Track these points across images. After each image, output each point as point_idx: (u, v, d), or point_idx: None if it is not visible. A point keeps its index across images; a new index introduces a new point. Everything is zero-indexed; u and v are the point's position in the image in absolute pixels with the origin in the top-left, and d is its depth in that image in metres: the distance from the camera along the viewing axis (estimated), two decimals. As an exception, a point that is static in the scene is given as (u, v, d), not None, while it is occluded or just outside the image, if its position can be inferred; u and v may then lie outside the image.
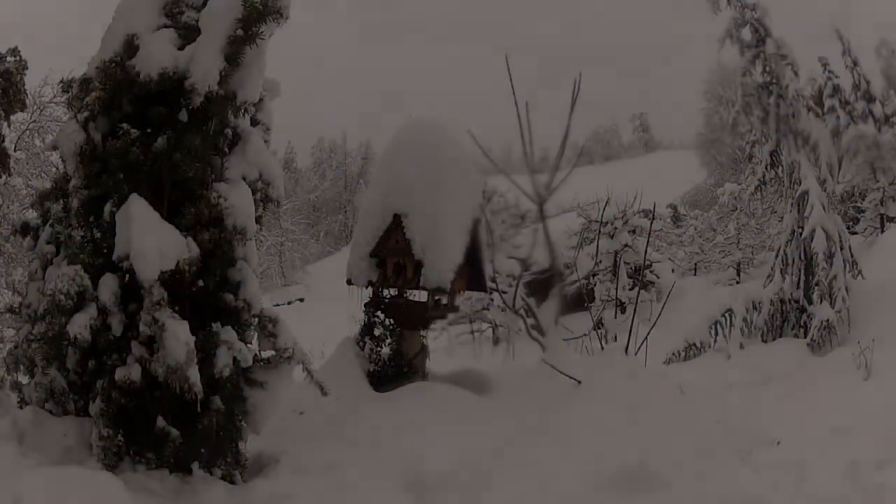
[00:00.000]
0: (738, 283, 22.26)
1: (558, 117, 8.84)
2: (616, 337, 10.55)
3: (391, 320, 8.47)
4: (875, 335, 9.26)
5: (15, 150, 14.76)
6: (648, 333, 9.42)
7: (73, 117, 5.88)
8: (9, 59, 6.99)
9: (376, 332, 8.46)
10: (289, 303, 39.25)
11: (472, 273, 8.88)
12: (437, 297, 8.56)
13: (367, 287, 8.60)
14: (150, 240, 5.46)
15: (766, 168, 13.41)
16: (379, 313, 8.50)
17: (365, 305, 8.62)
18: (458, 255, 8.36)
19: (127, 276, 5.60)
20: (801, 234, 12.08)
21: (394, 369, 8.41)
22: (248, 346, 6.03)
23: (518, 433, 6.90)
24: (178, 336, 5.38)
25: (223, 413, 5.76)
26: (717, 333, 12.61)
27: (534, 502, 5.96)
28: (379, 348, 8.45)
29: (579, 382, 7.78)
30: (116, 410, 5.56)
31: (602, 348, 9.82)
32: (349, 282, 8.61)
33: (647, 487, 5.96)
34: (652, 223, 15.35)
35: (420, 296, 8.65)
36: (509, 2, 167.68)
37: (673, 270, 23.33)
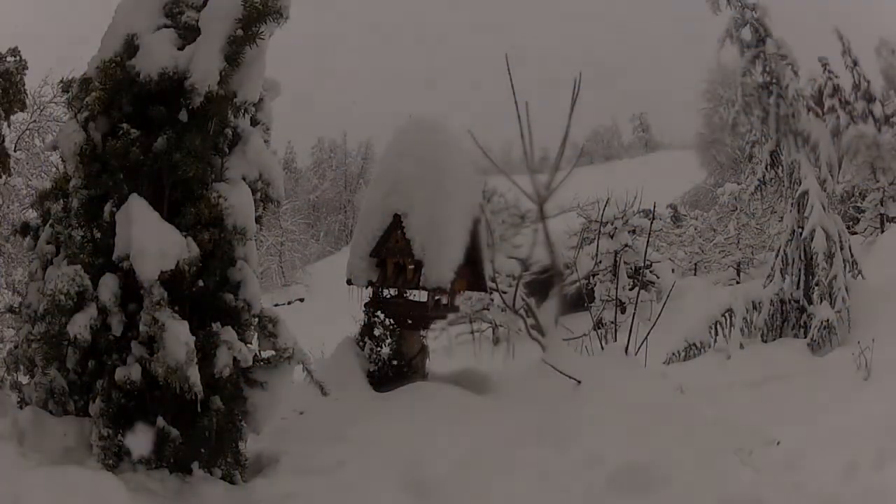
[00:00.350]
0: (738, 283, 22.24)
1: (558, 117, 8.87)
2: (616, 336, 10.55)
3: (391, 320, 8.48)
4: (875, 335, 9.25)
5: (15, 150, 14.78)
6: (648, 333, 9.43)
7: (73, 117, 5.88)
8: (9, 59, 6.96)
9: (376, 332, 8.46)
10: (289, 303, 39.18)
11: (472, 273, 8.87)
12: (437, 297, 8.56)
13: (367, 287, 8.60)
14: (150, 240, 5.46)
15: (766, 168, 13.39)
16: (379, 313, 8.50)
17: (365, 305, 8.62)
18: (458, 255, 8.35)
19: (127, 276, 5.60)
20: (801, 234, 12.07)
21: (394, 369, 8.41)
22: (248, 346, 6.03)
23: (518, 433, 6.90)
24: (178, 336, 5.38)
25: (223, 413, 5.76)
26: (717, 333, 12.60)
27: (534, 502, 5.96)
28: (379, 348, 8.45)
29: (579, 382, 7.78)
30: (116, 410, 5.56)
31: (602, 348, 9.82)
32: (349, 282, 8.61)
33: (646, 487, 5.95)
34: (652, 223, 15.33)
35: (420, 296, 8.64)
36: (509, 2, 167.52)
37: (673, 270, 23.31)
